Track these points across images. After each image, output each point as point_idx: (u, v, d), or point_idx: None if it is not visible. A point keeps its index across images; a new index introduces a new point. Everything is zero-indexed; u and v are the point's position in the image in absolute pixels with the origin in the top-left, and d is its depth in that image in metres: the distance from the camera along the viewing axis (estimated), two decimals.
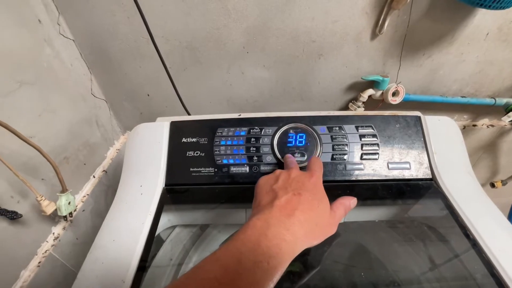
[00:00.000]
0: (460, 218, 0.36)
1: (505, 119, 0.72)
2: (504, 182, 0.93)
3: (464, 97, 0.75)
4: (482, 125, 0.84)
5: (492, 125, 0.83)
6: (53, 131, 0.57)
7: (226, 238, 0.53)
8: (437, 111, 0.80)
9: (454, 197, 0.39)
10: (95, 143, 0.71)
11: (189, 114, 0.72)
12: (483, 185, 1.01)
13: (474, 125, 0.84)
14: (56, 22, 0.59)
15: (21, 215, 0.44)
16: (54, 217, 0.57)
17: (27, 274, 0.50)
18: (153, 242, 0.35)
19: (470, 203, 0.38)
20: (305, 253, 0.29)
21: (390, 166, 0.42)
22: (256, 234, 0.26)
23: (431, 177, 0.42)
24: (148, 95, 0.75)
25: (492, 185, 0.96)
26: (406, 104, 0.73)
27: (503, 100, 0.74)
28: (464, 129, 0.84)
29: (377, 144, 0.43)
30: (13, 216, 0.43)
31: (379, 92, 0.70)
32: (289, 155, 0.42)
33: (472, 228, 0.35)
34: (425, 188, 0.41)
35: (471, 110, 0.81)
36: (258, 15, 0.61)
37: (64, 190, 0.49)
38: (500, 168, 0.95)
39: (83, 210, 0.64)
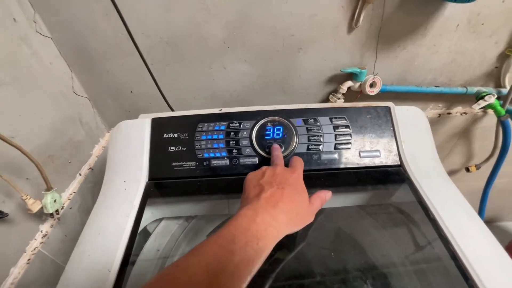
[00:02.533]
0: (423, 200, 0.40)
1: (475, 107, 0.76)
2: (478, 166, 0.98)
3: (438, 86, 0.78)
4: (456, 113, 0.88)
5: (465, 113, 0.87)
6: (35, 131, 0.57)
7: (213, 229, 0.56)
8: (413, 101, 0.84)
9: (419, 181, 0.42)
10: (80, 141, 0.71)
11: (172, 110, 0.73)
12: (459, 169, 1.06)
13: (449, 113, 0.88)
14: (32, 20, 0.58)
15: (7, 214, 0.45)
16: (41, 215, 0.58)
17: (16, 271, 0.51)
18: (137, 234, 0.37)
19: (433, 187, 0.42)
20: (287, 238, 0.32)
21: (362, 154, 0.45)
22: (246, 220, 0.30)
23: (399, 163, 0.45)
24: (132, 91, 0.76)
25: (467, 170, 1.01)
26: (384, 94, 0.76)
27: (474, 89, 0.78)
28: (440, 117, 0.88)
29: (350, 134, 0.46)
30: None
31: (358, 84, 0.73)
32: (276, 147, 0.44)
33: (433, 209, 0.38)
34: (393, 174, 0.44)
35: (445, 99, 0.85)
36: (237, 10, 0.61)
37: (49, 188, 0.50)
38: (475, 153, 1.00)
39: (71, 208, 0.65)
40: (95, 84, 0.73)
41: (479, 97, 0.76)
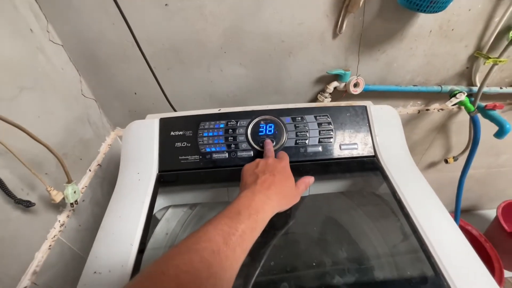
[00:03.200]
0: (391, 184, 0.47)
1: (448, 104, 0.84)
2: (455, 158, 1.07)
3: (416, 85, 0.86)
4: (434, 109, 0.96)
5: (442, 109, 0.96)
6: (52, 130, 0.63)
7: (215, 215, 0.63)
8: (394, 99, 0.92)
9: (389, 169, 0.50)
10: (89, 139, 0.78)
11: (174, 110, 0.79)
12: (439, 161, 1.15)
13: (427, 110, 0.96)
14: (45, 29, 0.64)
15: (34, 204, 0.51)
16: (59, 207, 0.64)
17: (40, 255, 0.58)
18: (152, 216, 0.44)
19: (401, 174, 0.49)
20: (280, 219, 0.40)
21: (342, 147, 0.53)
22: (247, 199, 0.37)
23: (373, 154, 0.53)
24: (136, 93, 0.82)
25: (446, 161, 1.10)
26: (367, 93, 0.84)
27: (448, 88, 0.86)
28: (419, 113, 0.97)
29: (332, 130, 0.53)
30: (27, 205, 0.50)
31: (343, 84, 0.80)
32: (269, 141, 0.52)
33: (399, 191, 0.46)
34: (368, 163, 0.52)
35: (423, 97, 0.93)
36: (233, 19, 0.68)
37: (69, 181, 0.56)
38: (452, 146, 1.09)
39: (83, 200, 0.72)
40: (102, 87, 0.79)
41: (452, 95, 0.85)
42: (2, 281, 0.51)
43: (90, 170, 0.77)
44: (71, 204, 0.58)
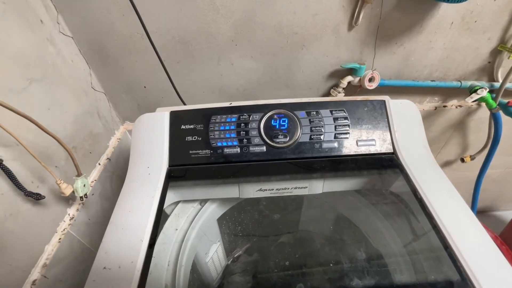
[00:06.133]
0: (412, 183, 0.45)
1: (468, 100, 0.80)
2: (472, 157, 1.03)
3: (434, 81, 0.83)
4: (452, 105, 0.92)
5: (460, 106, 0.92)
6: (61, 123, 0.63)
7: (223, 212, 0.62)
8: (411, 94, 0.88)
9: (409, 167, 0.47)
10: (98, 133, 0.77)
11: (184, 103, 0.78)
12: (454, 160, 1.11)
13: (445, 106, 0.92)
14: (56, 21, 0.63)
15: (44, 196, 0.51)
16: (68, 200, 0.64)
17: (50, 248, 0.58)
18: (162, 211, 0.43)
19: (422, 172, 0.47)
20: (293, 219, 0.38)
21: (359, 143, 0.50)
22: None
23: (392, 151, 0.50)
24: (145, 87, 0.81)
25: (462, 160, 1.06)
26: (382, 88, 0.81)
27: (468, 83, 0.82)
28: (436, 110, 0.93)
29: (348, 125, 0.51)
30: (38, 197, 0.49)
31: (357, 79, 0.78)
32: None
33: (421, 191, 0.44)
34: (387, 161, 0.50)
35: (441, 93, 0.89)
36: (244, 10, 0.66)
37: (79, 174, 0.55)
38: (469, 144, 1.05)
39: (93, 194, 0.71)
40: (111, 80, 0.78)
41: (472, 90, 0.81)
42: (13, 274, 0.51)
43: (99, 164, 0.76)
44: (81, 197, 0.57)
